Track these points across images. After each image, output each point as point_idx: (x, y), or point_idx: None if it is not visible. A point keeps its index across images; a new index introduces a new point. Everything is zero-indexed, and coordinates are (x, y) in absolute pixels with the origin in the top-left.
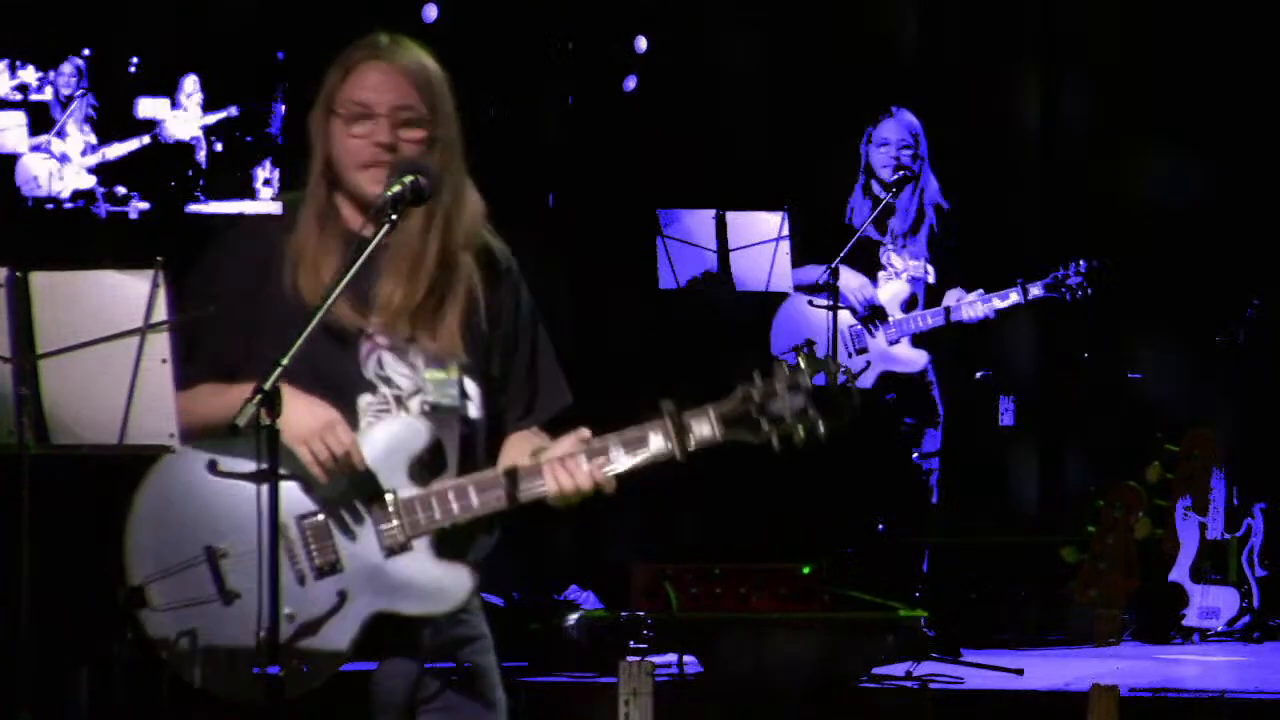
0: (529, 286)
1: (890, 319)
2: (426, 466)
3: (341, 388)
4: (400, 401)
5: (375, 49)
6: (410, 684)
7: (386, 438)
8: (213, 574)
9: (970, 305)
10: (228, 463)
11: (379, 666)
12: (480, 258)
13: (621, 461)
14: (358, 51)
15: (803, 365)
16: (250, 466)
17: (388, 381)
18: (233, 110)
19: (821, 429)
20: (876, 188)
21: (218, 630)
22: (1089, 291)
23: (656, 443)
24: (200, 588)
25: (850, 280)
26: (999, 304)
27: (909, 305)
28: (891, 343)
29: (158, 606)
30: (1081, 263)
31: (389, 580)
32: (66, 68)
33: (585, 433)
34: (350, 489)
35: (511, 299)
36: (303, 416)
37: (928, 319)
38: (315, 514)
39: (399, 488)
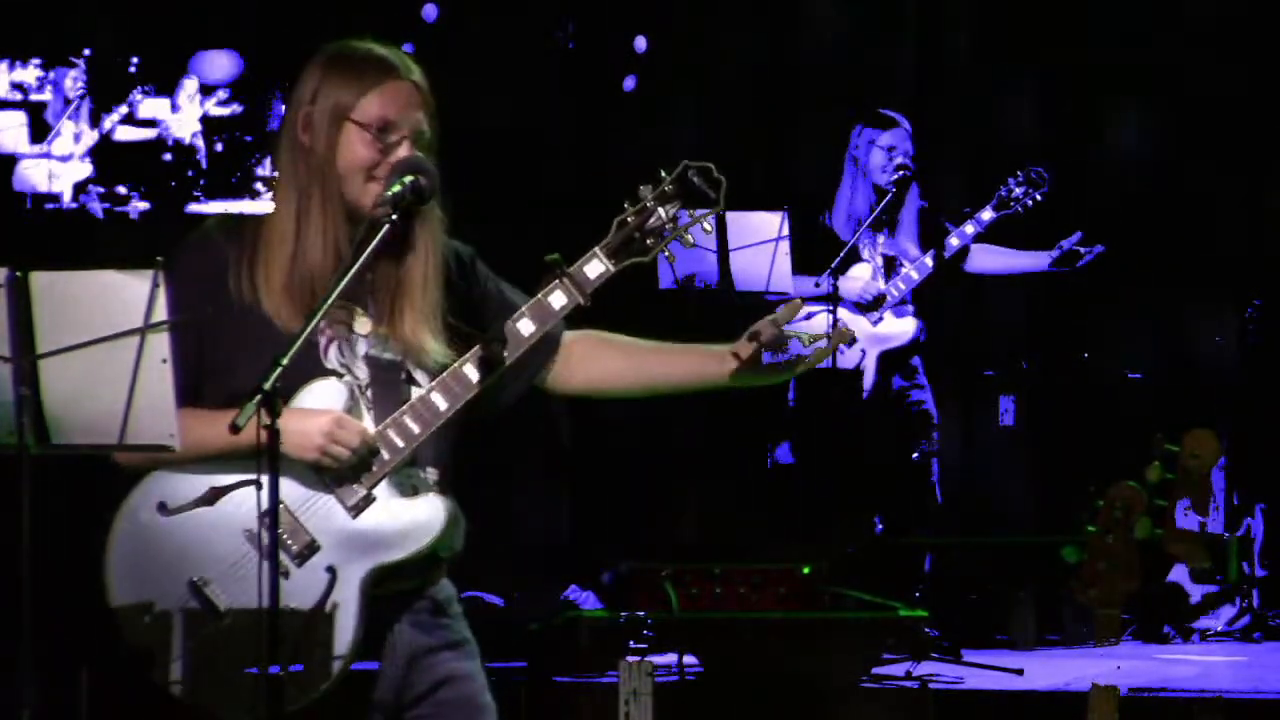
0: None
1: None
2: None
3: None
4: (362, 388)
5: (393, 66)
6: (398, 684)
7: (314, 402)
8: (202, 602)
9: (935, 258)
10: (175, 497)
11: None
12: (450, 259)
13: (537, 329)
14: (371, 66)
15: (664, 175)
16: (200, 487)
17: (348, 368)
18: (223, 93)
19: (704, 224)
20: (869, 189)
21: (219, 648)
22: (1037, 198)
23: (560, 300)
24: (196, 617)
25: (856, 278)
26: (956, 241)
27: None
28: (894, 308)
29: (168, 656)
30: (1019, 173)
31: (367, 536)
32: (72, 72)
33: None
34: (296, 468)
35: (482, 280)
36: (302, 429)
37: (915, 273)
38: (276, 507)
39: None
